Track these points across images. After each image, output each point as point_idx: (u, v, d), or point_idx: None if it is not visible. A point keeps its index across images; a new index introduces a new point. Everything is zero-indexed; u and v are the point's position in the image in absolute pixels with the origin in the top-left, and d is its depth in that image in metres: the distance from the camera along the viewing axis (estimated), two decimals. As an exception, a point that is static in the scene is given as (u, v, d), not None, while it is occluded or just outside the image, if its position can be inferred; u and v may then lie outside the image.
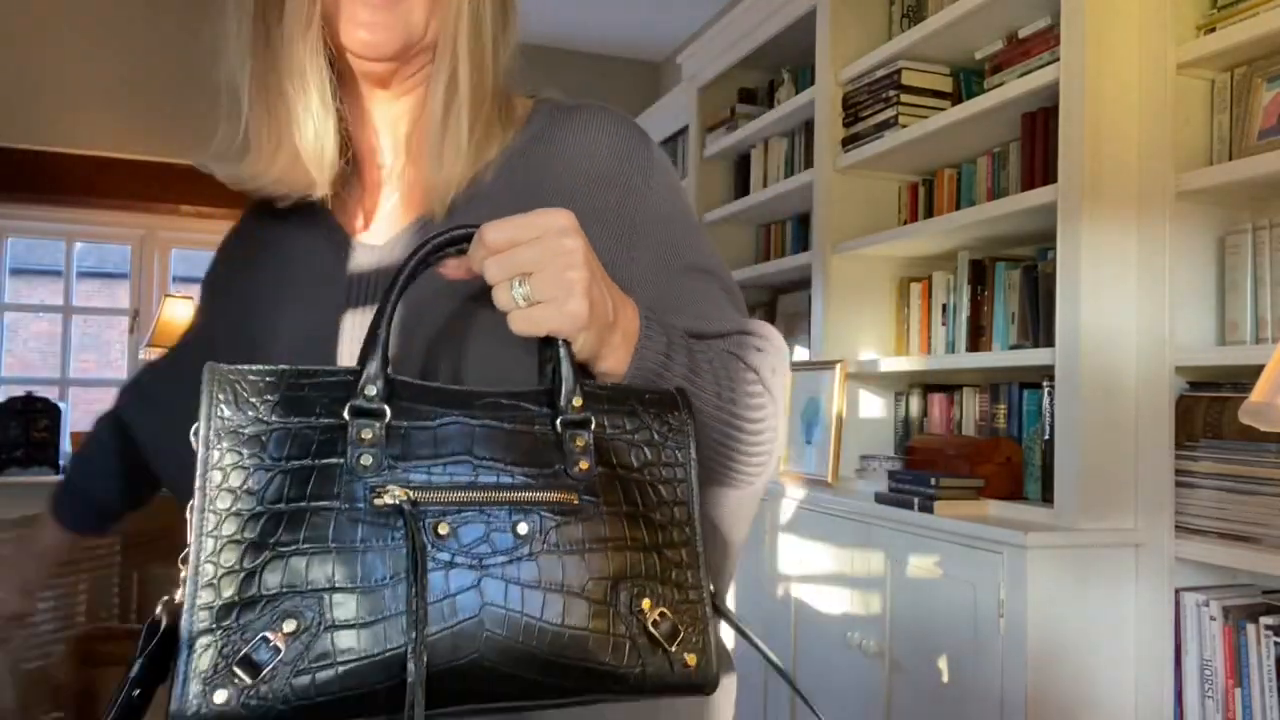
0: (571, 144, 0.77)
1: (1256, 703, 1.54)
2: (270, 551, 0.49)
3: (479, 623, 0.50)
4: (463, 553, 0.51)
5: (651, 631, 0.54)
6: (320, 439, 0.52)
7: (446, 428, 0.54)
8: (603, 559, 0.54)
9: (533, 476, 0.54)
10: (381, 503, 0.50)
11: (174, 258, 4.27)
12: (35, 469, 3.86)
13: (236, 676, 0.47)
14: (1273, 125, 1.65)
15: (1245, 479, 1.58)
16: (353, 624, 0.48)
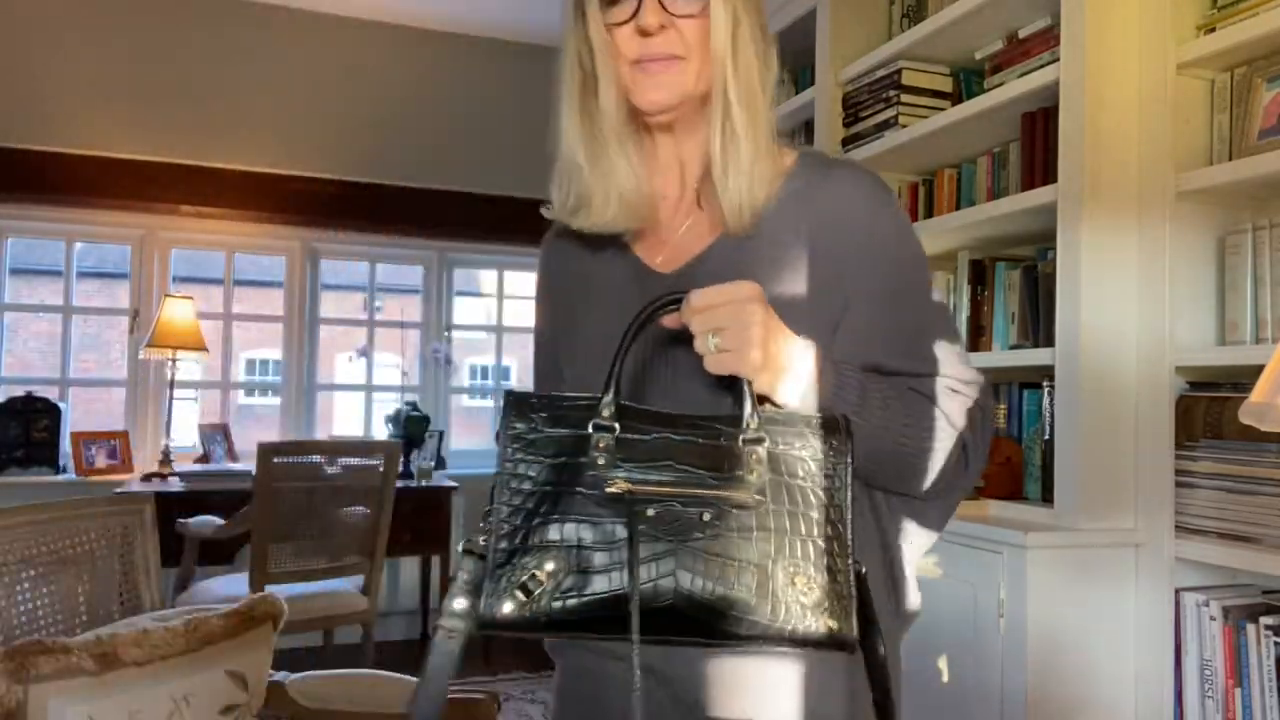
0: (827, 197, 0.91)
1: (1256, 703, 1.54)
2: (540, 517, 0.74)
3: (673, 578, 0.72)
4: (664, 529, 0.73)
5: (801, 600, 0.73)
6: (573, 443, 0.76)
7: (657, 441, 0.76)
8: (766, 543, 0.74)
9: (717, 479, 0.74)
10: (610, 490, 0.73)
11: (174, 258, 4.27)
12: (35, 469, 3.86)
13: (516, 597, 0.72)
14: (1273, 125, 1.65)
15: (1245, 479, 1.58)
16: (590, 571, 0.73)
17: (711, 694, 0.86)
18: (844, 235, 0.90)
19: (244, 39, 4.20)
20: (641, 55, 0.88)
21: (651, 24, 0.86)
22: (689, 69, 0.88)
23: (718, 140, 0.90)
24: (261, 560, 2.96)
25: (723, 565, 0.73)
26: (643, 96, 0.89)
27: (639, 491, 0.73)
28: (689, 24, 0.88)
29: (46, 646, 1.34)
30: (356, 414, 4.81)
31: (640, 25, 0.87)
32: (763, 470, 0.75)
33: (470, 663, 3.99)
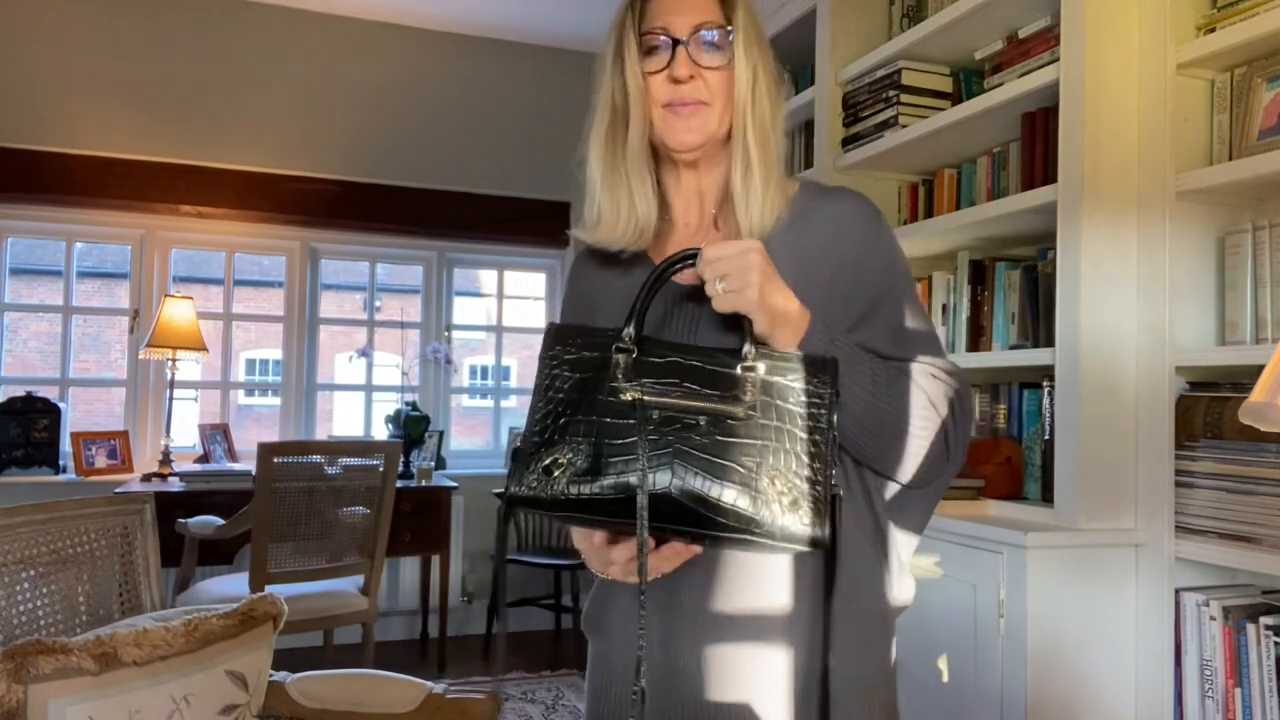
0: (828, 215, 1.06)
1: (1256, 703, 1.54)
2: (565, 417, 0.89)
3: (670, 470, 0.85)
4: (667, 431, 0.87)
5: (781, 500, 0.85)
6: (599, 362, 0.91)
7: (668, 363, 0.90)
8: (754, 449, 0.86)
9: (717, 395, 0.88)
10: (623, 397, 0.88)
11: (174, 258, 4.27)
12: (35, 469, 3.86)
13: (540, 477, 0.87)
14: (1273, 125, 1.65)
15: (1245, 479, 1.58)
16: (602, 461, 0.86)
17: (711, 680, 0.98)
18: (842, 245, 1.04)
19: (244, 39, 4.20)
20: (672, 100, 1.03)
21: (683, 74, 1.02)
22: (713, 113, 1.04)
23: (738, 174, 1.05)
24: (261, 560, 2.96)
25: (714, 464, 0.86)
26: (674, 137, 1.04)
27: (648, 400, 0.88)
28: (714, 75, 1.03)
29: (46, 646, 1.34)
30: (356, 414, 4.81)
31: (673, 74, 1.02)
32: (755, 391, 0.89)
33: (470, 663, 3.99)
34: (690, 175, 1.09)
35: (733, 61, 1.03)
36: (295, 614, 2.91)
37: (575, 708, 3.42)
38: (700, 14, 1.03)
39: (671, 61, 1.02)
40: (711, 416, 0.87)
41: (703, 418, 0.87)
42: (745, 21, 1.05)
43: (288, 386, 4.40)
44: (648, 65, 1.04)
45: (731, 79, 1.03)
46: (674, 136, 1.04)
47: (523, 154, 4.62)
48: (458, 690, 1.72)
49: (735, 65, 1.03)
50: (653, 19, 1.04)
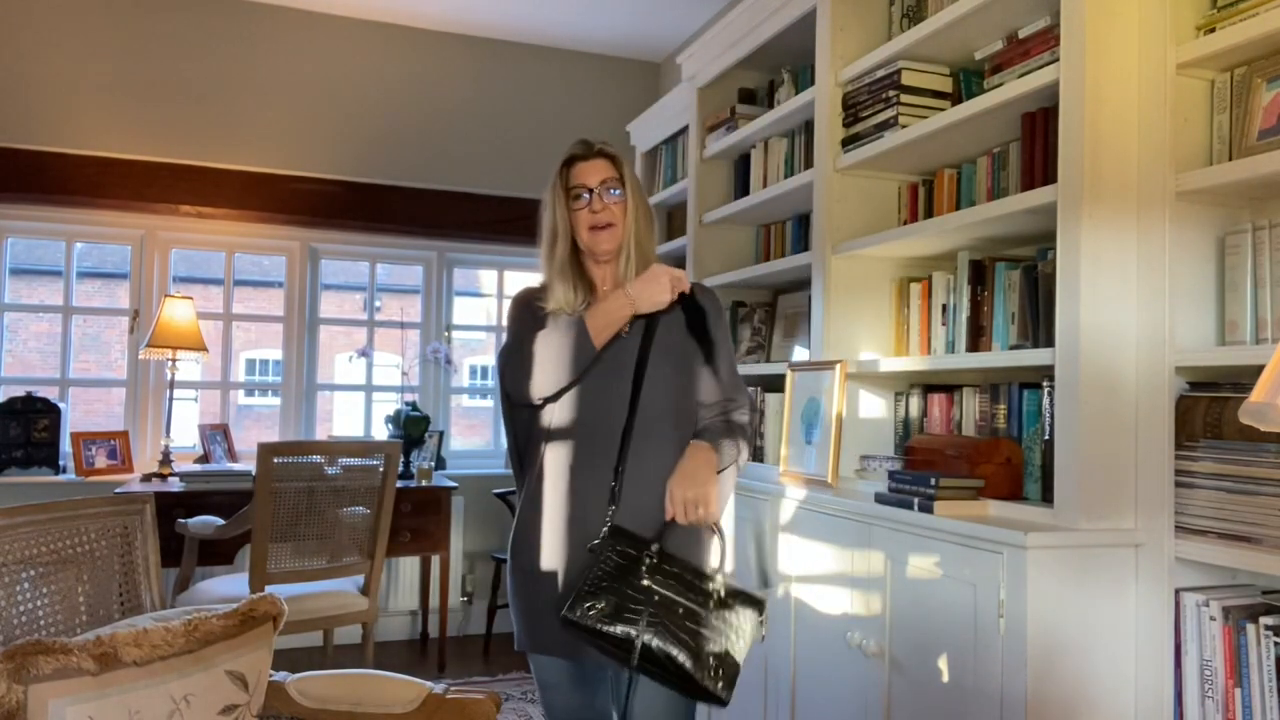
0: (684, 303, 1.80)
1: (1256, 703, 1.54)
2: (608, 583, 1.61)
3: (655, 632, 1.56)
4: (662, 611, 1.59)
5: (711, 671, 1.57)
6: (634, 558, 1.63)
7: (674, 571, 1.64)
8: (705, 636, 1.57)
9: (694, 598, 1.61)
10: (643, 583, 1.61)
11: (174, 258, 4.27)
12: (35, 469, 3.86)
13: (584, 612, 1.57)
14: (1273, 125, 1.65)
15: (1245, 479, 1.58)
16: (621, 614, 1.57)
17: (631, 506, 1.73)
18: (694, 316, 1.79)
19: (244, 39, 4.20)
20: (593, 224, 1.78)
21: (598, 209, 1.77)
22: (618, 232, 1.79)
23: (626, 269, 1.81)
24: (261, 560, 2.96)
25: (679, 638, 1.54)
26: (599, 248, 1.79)
27: (655, 589, 1.57)
28: (617, 207, 1.79)
29: (46, 646, 1.34)
30: (356, 414, 4.81)
31: (591, 209, 1.77)
32: (715, 601, 1.58)
33: (470, 663, 3.99)
34: (607, 266, 1.84)
35: (626, 199, 1.79)
36: (295, 614, 2.90)
37: (575, 708, 3.42)
38: (603, 174, 1.78)
39: (590, 201, 1.77)
40: (687, 609, 1.56)
41: (681, 608, 1.55)
42: (629, 176, 1.81)
43: (288, 386, 4.40)
44: (575, 205, 1.78)
45: (624, 209, 1.78)
46: (598, 247, 1.78)
47: (523, 154, 4.62)
48: (458, 690, 1.72)
49: (628, 201, 1.79)
50: (574, 179, 1.79)
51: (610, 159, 1.79)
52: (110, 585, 1.81)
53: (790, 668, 2.37)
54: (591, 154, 1.79)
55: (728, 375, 1.82)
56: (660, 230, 4.19)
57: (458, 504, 4.39)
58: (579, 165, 1.79)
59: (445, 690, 1.71)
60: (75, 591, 1.74)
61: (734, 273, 3.16)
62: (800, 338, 2.96)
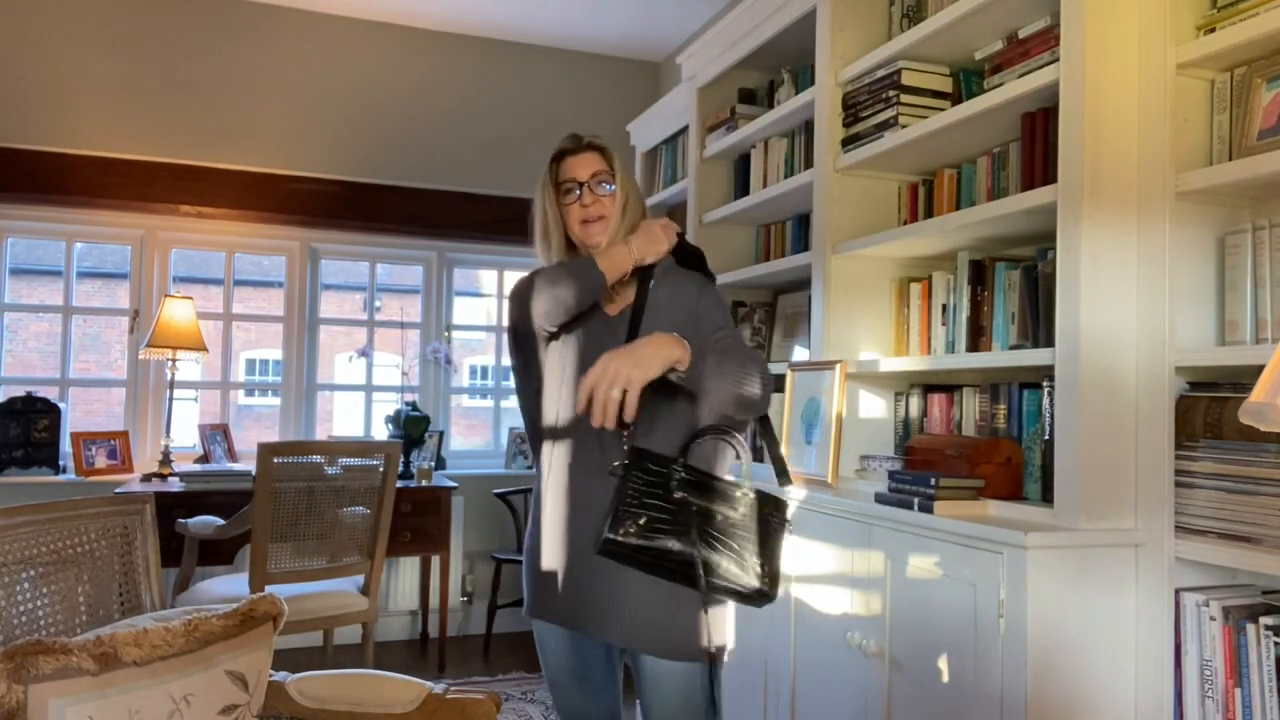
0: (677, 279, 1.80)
1: (1256, 703, 1.54)
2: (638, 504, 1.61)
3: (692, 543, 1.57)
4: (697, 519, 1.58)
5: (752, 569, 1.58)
6: (664, 476, 1.60)
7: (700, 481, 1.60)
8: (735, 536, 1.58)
9: (725, 503, 1.60)
10: (675, 496, 1.58)
11: (174, 258, 4.27)
12: (35, 469, 3.86)
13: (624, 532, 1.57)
14: (1273, 125, 1.65)
15: (1245, 479, 1.58)
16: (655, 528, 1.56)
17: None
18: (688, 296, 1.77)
19: (244, 39, 4.20)
20: (584, 218, 1.76)
21: (588, 202, 1.76)
22: (609, 223, 1.76)
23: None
24: (261, 560, 2.96)
25: (724, 544, 1.56)
26: (589, 240, 1.76)
27: (691, 500, 1.56)
28: (607, 199, 1.77)
29: (46, 646, 1.34)
30: (356, 414, 4.81)
31: (582, 203, 1.76)
32: (744, 505, 1.58)
33: (470, 663, 3.99)
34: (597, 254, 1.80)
35: (616, 191, 1.77)
36: (295, 614, 2.91)
37: (575, 708, 3.42)
38: (593, 167, 1.77)
39: (580, 195, 1.76)
40: (724, 516, 1.57)
41: (719, 515, 1.57)
42: (620, 168, 1.79)
43: (288, 386, 4.40)
44: (565, 200, 1.77)
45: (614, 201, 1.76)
46: (590, 239, 1.76)
47: (523, 154, 4.62)
48: (458, 690, 1.72)
49: (618, 194, 1.77)
50: (565, 173, 1.77)
51: (600, 151, 1.78)
52: (110, 585, 1.81)
53: (790, 668, 2.37)
54: (581, 147, 1.78)
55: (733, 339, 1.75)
56: (660, 230, 4.18)
57: (458, 504, 4.39)
58: (568, 159, 1.78)
59: (445, 690, 1.71)
60: (75, 591, 1.74)
61: (734, 273, 3.16)
62: (800, 338, 2.96)
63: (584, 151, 1.77)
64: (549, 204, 1.77)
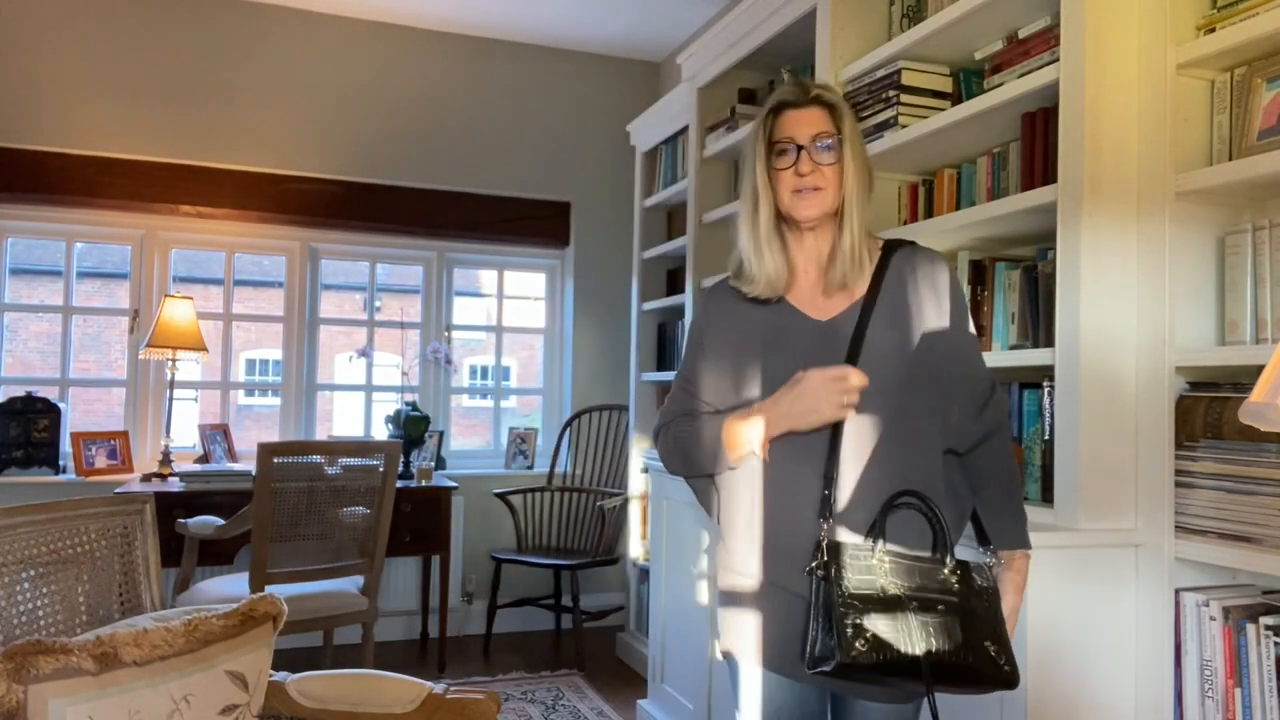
0: (914, 272, 1.48)
1: (1256, 703, 1.54)
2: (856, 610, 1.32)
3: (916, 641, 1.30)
4: (919, 609, 1.32)
5: (991, 658, 1.32)
6: (866, 567, 1.35)
7: (907, 567, 1.36)
8: (960, 624, 1.33)
9: (939, 589, 1.35)
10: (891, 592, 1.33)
11: (174, 258, 4.27)
12: (35, 469, 3.86)
13: (849, 645, 1.29)
14: (1273, 125, 1.65)
15: (1245, 479, 1.58)
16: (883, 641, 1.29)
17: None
18: (930, 296, 1.46)
19: (244, 39, 4.20)
20: (798, 187, 1.44)
21: (805, 170, 1.43)
22: (827, 196, 1.44)
23: (846, 241, 1.45)
24: (261, 560, 2.96)
25: (952, 633, 1.29)
26: (800, 214, 1.45)
27: (905, 595, 1.31)
28: (828, 168, 1.44)
29: (46, 646, 1.34)
30: (356, 414, 4.81)
31: (798, 170, 1.44)
32: (957, 580, 1.34)
33: (470, 663, 3.99)
34: (810, 239, 1.49)
35: (842, 159, 1.44)
36: (295, 614, 2.90)
37: (575, 708, 3.42)
38: (817, 126, 1.45)
39: (797, 161, 1.44)
40: (941, 599, 1.31)
41: (939, 603, 1.31)
42: (850, 130, 1.46)
43: (288, 386, 4.40)
44: (778, 163, 1.45)
45: (840, 171, 1.44)
46: (799, 212, 1.45)
47: (523, 154, 4.62)
48: (458, 690, 1.72)
49: (844, 162, 1.44)
50: (781, 131, 1.46)
51: (829, 109, 1.45)
52: (110, 585, 1.81)
53: (790, 668, 2.37)
54: (806, 100, 1.46)
55: (975, 354, 1.52)
56: (660, 230, 4.19)
57: (458, 504, 4.39)
58: (788, 114, 1.46)
59: (445, 690, 1.71)
60: (75, 591, 1.74)
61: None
62: (800, 338, 2.95)
63: (809, 106, 1.46)
64: (759, 166, 1.46)
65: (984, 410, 1.49)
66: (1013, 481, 1.50)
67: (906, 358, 1.42)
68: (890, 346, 1.42)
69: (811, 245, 1.49)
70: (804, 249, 1.50)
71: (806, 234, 1.48)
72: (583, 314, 4.68)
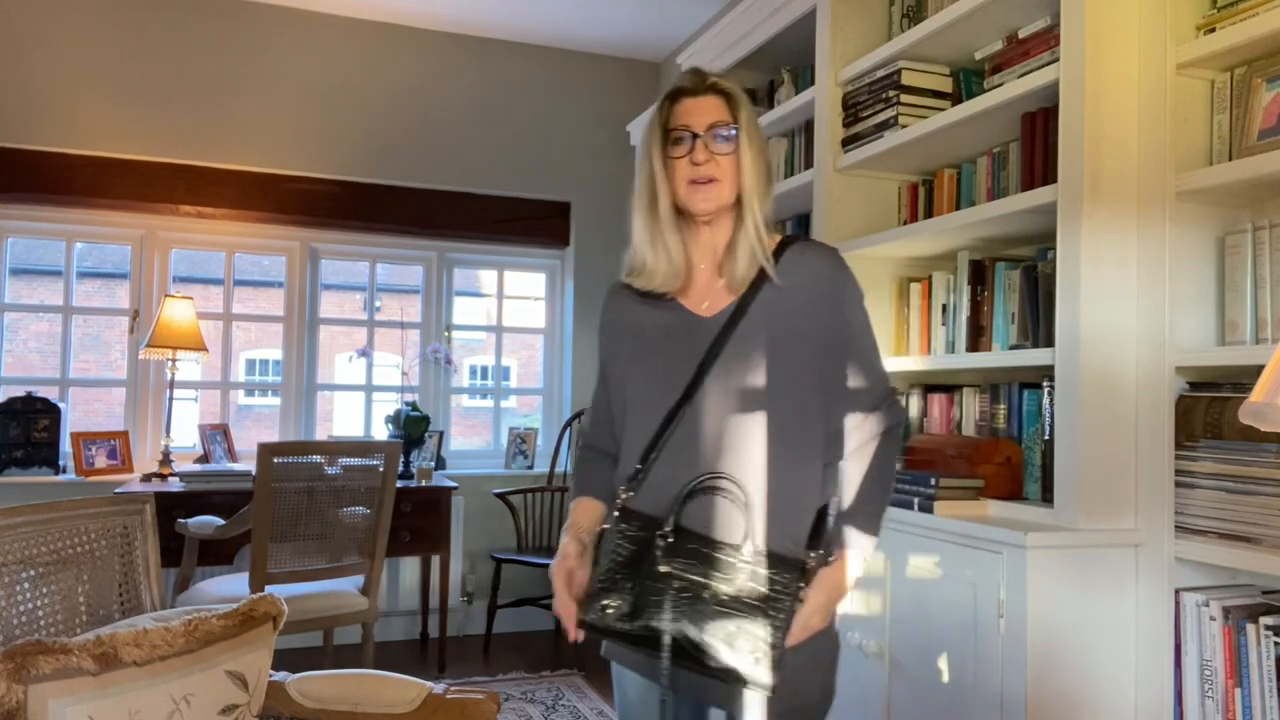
0: (809, 267, 1.41)
1: (1256, 703, 1.54)
2: (623, 574, 1.29)
3: (679, 626, 1.26)
4: (684, 598, 1.28)
5: (748, 656, 1.25)
6: (648, 541, 1.30)
7: (693, 549, 1.29)
8: (736, 618, 1.26)
9: (719, 577, 1.28)
10: (659, 569, 1.27)
11: (174, 258, 4.27)
12: (35, 469, 3.86)
13: (599, 613, 1.27)
14: (1273, 125, 1.65)
15: (1245, 479, 1.58)
16: (640, 608, 1.27)
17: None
18: (820, 293, 1.39)
19: (244, 39, 4.20)
20: (693, 178, 1.37)
21: (700, 159, 1.36)
22: (724, 188, 1.38)
23: (739, 235, 1.39)
24: (261, 560, 2.96)
25: (709, 625, 1.25)
26: (694, 206, 1.38)
27: (674, 574, 1.27)
28: (725, 159, 1.37)
29: (46, 646, 1.34)
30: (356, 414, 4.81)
31: (692, 160, 1.37)
32: (746, 578, 1.27)
33: (470, 663, 3.99)
34: (706, 232, 1.43)
35: (739, 150, 1.38)
36: (295, 614, 2.90)
37: (575, 708, 3.42)
38: (713, 115, 1.38)
39: (692, 150, 1.37)
40: (713, 592, 1.26)
41: (707, 591, 1.26)
42: (747, 120, 1.39)
43: (288, 386, 4.40)
44: (674, 152, 1.39)
45: (736, 162, 1.38)
46: (694, 205, 1.38)
47: (523, 154, 4.62)
48: (458, 690, 1.72)
49: (740, 153, 1.38)
50: (676, 119, 1.40)
51: (725, 97, 1.40)
52: (110, 585, 1.81)
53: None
54: (703, 88, 1.40)
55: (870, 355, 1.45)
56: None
57: (458, 504, 4.39)
58: (685, 102, 1.40)
59: (445, 690, 1.71)
60: (75, 591, 1.74)
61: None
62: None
63: (706, 94, 1.40)
64: (655, 154, 1.40)
65: (874, 412, 1.41)
66: (880, 487, 1.40)
67: (782, 357, 1.35)
68: (761, 344, 1.36)
69: (707, 240, 1.43)
70: (699, 244, 1.43)
71: (702, 228, 1.42)
72: (583, 314, 4.68)
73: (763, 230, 1.39)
